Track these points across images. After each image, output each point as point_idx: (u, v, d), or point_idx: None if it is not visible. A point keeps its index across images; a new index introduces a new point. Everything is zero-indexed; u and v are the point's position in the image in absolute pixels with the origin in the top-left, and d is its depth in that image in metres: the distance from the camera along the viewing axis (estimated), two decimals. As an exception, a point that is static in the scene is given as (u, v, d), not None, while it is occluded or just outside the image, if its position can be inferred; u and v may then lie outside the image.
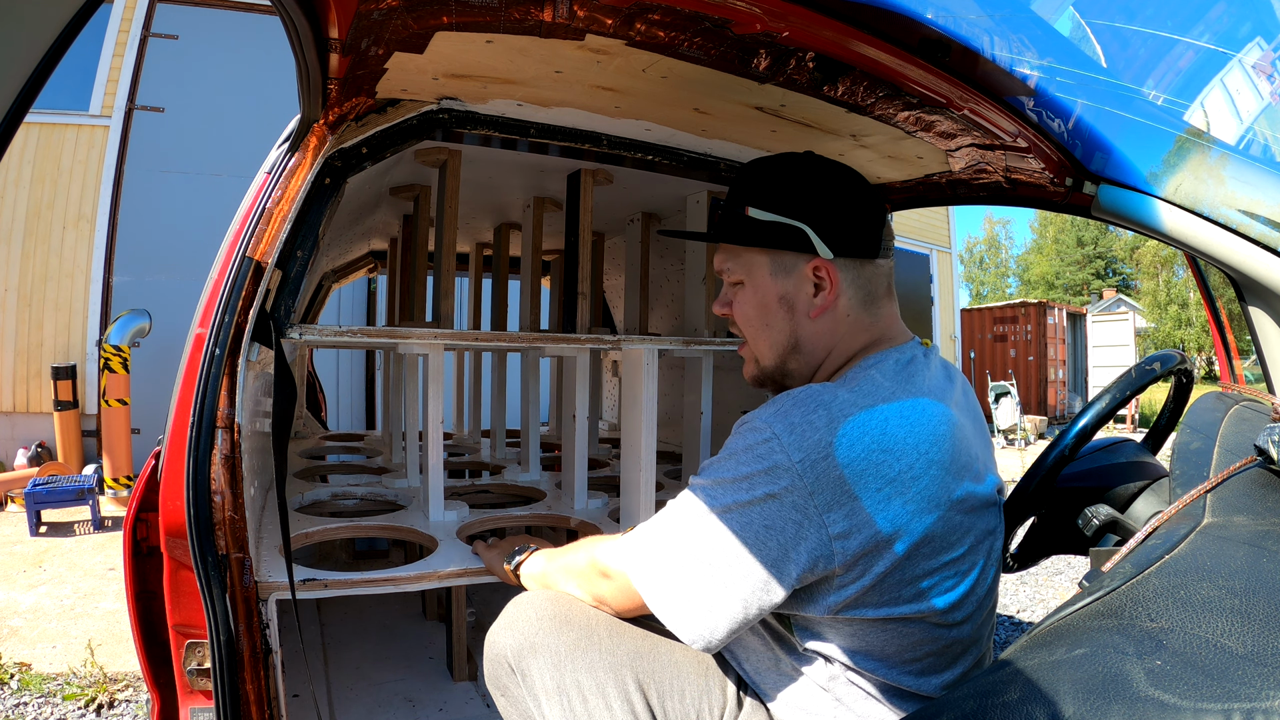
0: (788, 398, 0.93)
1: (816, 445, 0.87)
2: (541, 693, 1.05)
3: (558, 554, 1.23)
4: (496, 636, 1.13)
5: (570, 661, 1.04)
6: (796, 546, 0.87)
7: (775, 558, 0.87)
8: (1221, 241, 1.07)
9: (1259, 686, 0.55)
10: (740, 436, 0.93)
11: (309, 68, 1.09)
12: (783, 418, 0.90)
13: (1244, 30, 1.13)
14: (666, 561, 0.94)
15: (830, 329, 1.05)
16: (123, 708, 2.57)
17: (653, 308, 3.27)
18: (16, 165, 6.68)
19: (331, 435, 3.79)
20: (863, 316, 1.05)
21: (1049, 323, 14.40)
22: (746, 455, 0.90)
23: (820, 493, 0.86)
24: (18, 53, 0.40)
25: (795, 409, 0.90)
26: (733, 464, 0.91)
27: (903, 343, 1.06)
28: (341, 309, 7.41)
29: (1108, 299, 30.39)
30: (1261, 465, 0.85)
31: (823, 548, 0.87)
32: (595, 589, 1.08)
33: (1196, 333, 25.83)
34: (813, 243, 1.00)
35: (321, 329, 1.57)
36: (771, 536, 0.87)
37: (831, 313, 1.04)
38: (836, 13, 1.02)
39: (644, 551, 0.98)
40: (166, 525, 1.22)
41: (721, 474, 0.92)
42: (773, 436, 0.89)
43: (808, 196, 1.02)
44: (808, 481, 0.86)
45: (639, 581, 0.97)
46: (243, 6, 7.19)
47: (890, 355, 1.01)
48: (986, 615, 1.01)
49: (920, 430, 0.90)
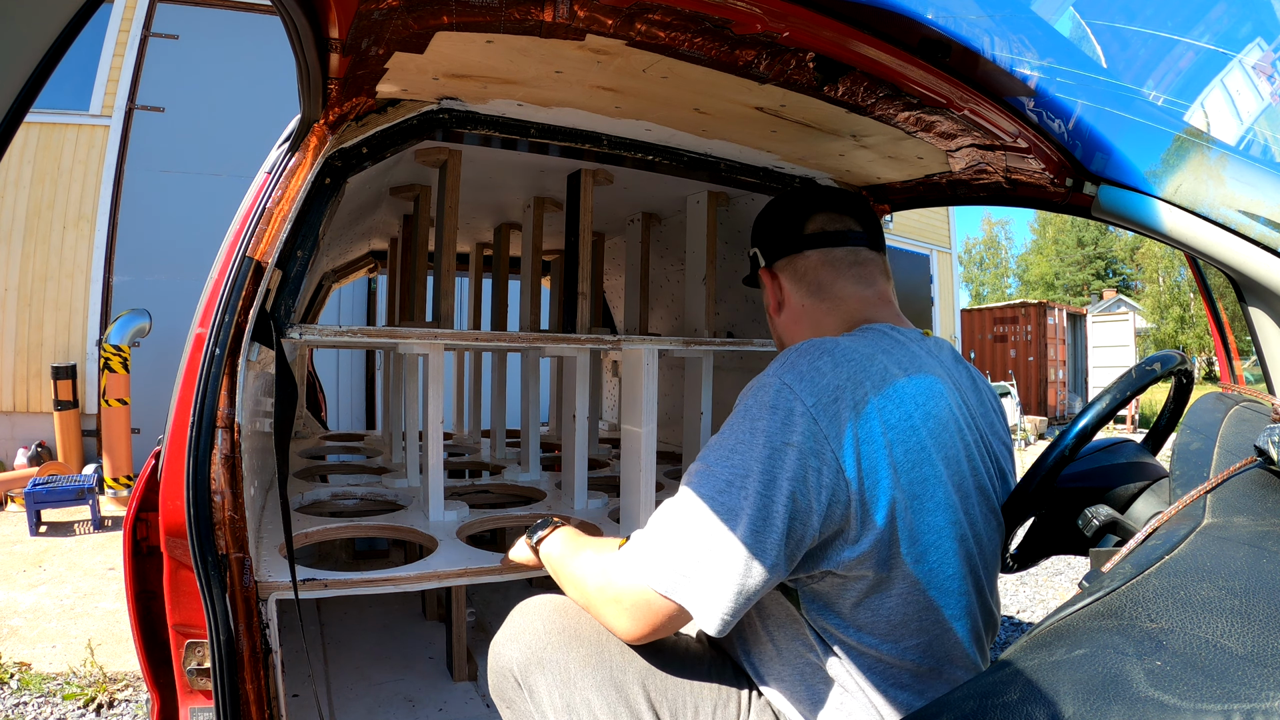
0: (790, 350, 0.95)
1: (826, 389, 0.89)
2: (550, 710, 1.03)
3: (573, 550, 1.15)
4: (502, 648, 1.10)
5: (580, 679, 1.02)
6: (819, 494, 0.86)
7: (803, 507, 0.86)
8: (1221, 242, 1.07)
9: (1259, 687, 0.55)
10: (751, 395, 0.93)
11: (309, 68, 1.09)
12: (790, 368, 0.92)
13: (1244, 30, 1.13)
14: (688, 538, 0.89)
15: (794, 320, 1.19)
16: (123, 708, 2.57)
17: (653, 308, 3.27)
18: (16, 165, 6.68)
19: (331, 435, 3.79)
20: (818, 303, 1.15)
21: (1049, 323, 14.41)
22: (759, 409, 0.90)
23: (835, 435, 0.87)
24: (18, 53, 0.40)
25: (800, 358, 0.93)
26: (746, 423, 0.90)
27: (897, 325, 1.10)
28: (341, 309, 7.41)
29: (1108, 299, 30.40)
30: (1261, 466, 0.85)
31: (841, 491, 0.87)
32: (606, 615, 0.98)
33: (1199, 333, 25.83)
34: (759, 259, 1.23)
35: (321, 329, 1.57)
36: (796, 484, 0.86)
37: (788, 308, 1.20)
38: (836, 13, 1.02)
39: (658, 542, 0.92)
40: (166, 525, 1.22)
41: (736, 436, 0.90)
42: (783, 386, 0.90)
43: (756, 224, 1.26)
44: (823, 425, 0.87)
45: (653, 573, 0.90)
46: (243, 6, 7.19)
47: (884, 326, 1.07)
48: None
49: (918, 385, 0.96)
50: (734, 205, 2.47)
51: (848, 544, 0.89)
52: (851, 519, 0.88)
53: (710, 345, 2.17)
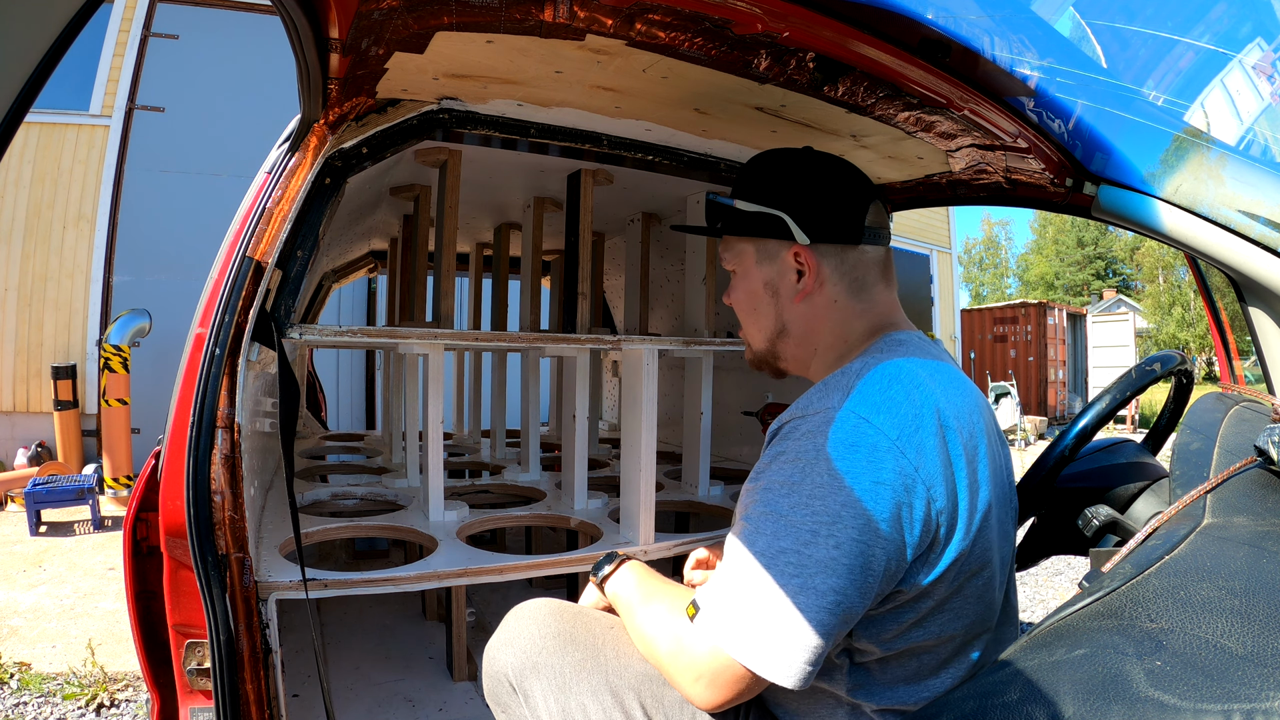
0: (852, 377, 0.89)
1: (906, 418, 0.85)
2: (545, 715, 1.02)
3: (642, 598, 1.05)
4: (497, 653, 1.09)
5: (575, 684, 1.01)
6: (911, 529, 0.83)
7: (898, 546, 0.82)
8: (1221, 242, 1.07)
9: (1259, 687, 0.55)
10: (818, 433, 0.85)
11: (309, 68, 1.09)
12: (862, 399, 0.86)
13: (1244, 30, 1.13)
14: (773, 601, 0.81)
15: (818, 314, 1.05)
16: (123, 708, 2.57)
17: (653, 308, 3.27)
18: (16, 165, 6.68)
19: (331, 435, 3.79)
20: (853, 303, 1.04)
21: (1049, 323, 14.40)
22: (838, 448, 0.83)
23: (923, 467, 0.83)
24: (18, 53, 0.40)
25: (869, 386, 0.87)
26: (822, 464, 0.83)
27: (910, 330, 1.07)
28: (341, 309, 7.41)
29: (1108, 299, 30.39)
30: (1261, 466, 0.85)
31: (931, 522, 0.84)
32: (681, 684, 0.90)
33: (1199, 333, 25.83)
34: (791, 230, 1.02)
35: (321, 329, 1.57)
36: (891, 525, 0.81)
37: (816, 298, 1.04)
38: (836, 13, 1.02)
39: (738, 608, 0.83)
40: (166, 525, 1.22)
41: (813, 480, 0.83)
42: (860, 420, 0.84)
43: (787, 186, 1.04)
44: (910, 457, 0.83)
45: (735, 643, 0.83)
46: (243, 6, 7.19)
47: (902, 335, 1.03)
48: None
49: (964, 396, 0.93)
50: (734, 205, 2.47)
51: (930, 565, 0.85)
52: (938, 542, 0.85)
53: (710, 345, 2.16)
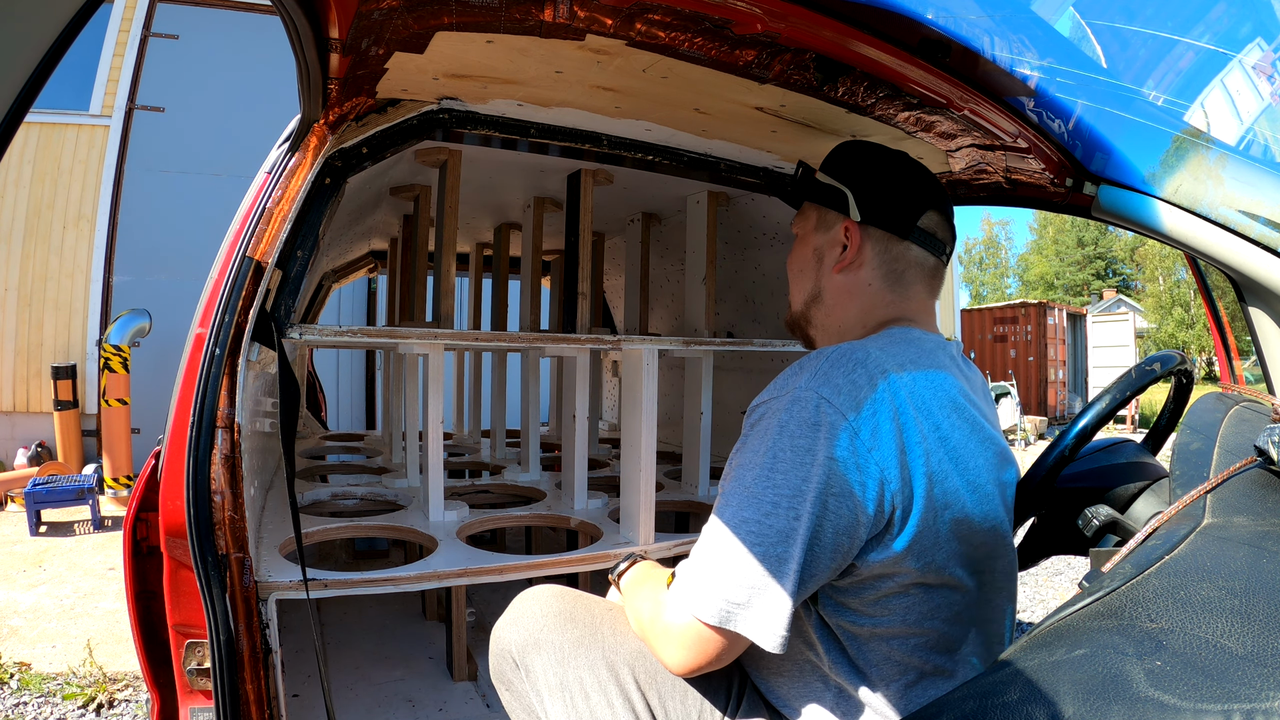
0: (820, 361, 0.93)
1: (864, 401, 0.89)
2: (544, 688, 1.07)
3: (638, 584, 1.12)
4: (502, 631, 1.15)
5: (573, 658, 1.06)
6: (865, 506, 0.87)
7: (850, 521, 0.86)
8: (1221, 242, 1.07)
9: (1259, 687, 0.55)
10: (784, 411, 0.90)
11: (309, 67, 1.09)
12: (824, 381, 0.90)
13: (1244, 30, 1.13)
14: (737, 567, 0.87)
15: (851, 290, 1.11)
16: (122, 707, 2.57)
17: (653, 308, 3.28)
18: (16, 165, 6.68)
19: (331, 435, 3.79)
20: (886, 293, 1.09)
21: (1049, 323, 14.40)
22: (798, 426, 0.88)
23: (878, 448, 0.87)
24: (18, 53, 0.40)
25: (834, 369, 0.91)
26: (784, 441, 0.88)
27: (929, 331, 1.10)
28: (341, 309, 7.42)
29: (1108, 299, 30.39)
30: (1261, 466, 0.85)
31: (885, 500, 0.88)
32: (659, 649, 0.97)
33: (1199, 333, 25.83)
34: (849, 205, 1.09)
35: (321, 329, 1.57)
36: (844, 499, 0.86)
37: (853, 274, 1.10)
38: (836, 13, 1.02)
39: (706, 574, 0.90)
40: (166, 525, 1.22)
41: (775, 455, 0.89)
42: (821, 400, 0.89)
43: (859, 168, 1.12)
44: (865, 437, 0.87)
45: (703, 606, 0.88)
46: (243, 6, 7.19)
47: (915, 332, 1.05)
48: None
49: (943, 394, 0.96)
50: (734, 205, 2.47)
51: (885, 546, 0.90)
52: (893, 524, 0.89)
53: (710, 345, 2.16)
